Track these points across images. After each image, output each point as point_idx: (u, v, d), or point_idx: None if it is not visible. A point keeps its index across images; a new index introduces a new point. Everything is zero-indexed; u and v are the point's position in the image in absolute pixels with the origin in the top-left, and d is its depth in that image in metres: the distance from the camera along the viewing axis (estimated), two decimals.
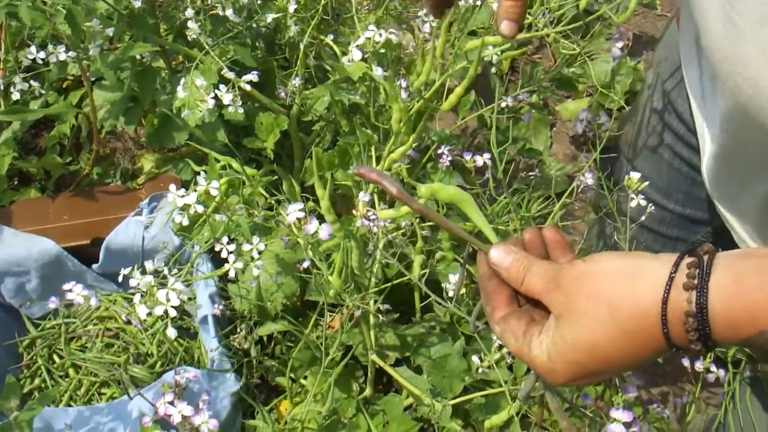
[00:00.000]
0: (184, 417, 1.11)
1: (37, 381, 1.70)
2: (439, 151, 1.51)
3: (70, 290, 1.21)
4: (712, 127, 1.12)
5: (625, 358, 0.71)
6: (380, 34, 1.14)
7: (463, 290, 1.39)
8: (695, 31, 1.00)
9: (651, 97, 1.42)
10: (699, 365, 1.37)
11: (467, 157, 1.38)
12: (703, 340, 0.66)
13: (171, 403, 1.12)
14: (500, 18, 1.01)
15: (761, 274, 0.64)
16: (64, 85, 2.15)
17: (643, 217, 1.34)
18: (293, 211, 1.07)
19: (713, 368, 1.36)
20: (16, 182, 2.10)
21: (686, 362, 1.39)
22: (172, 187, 1.22)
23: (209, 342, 1.57)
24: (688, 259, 0.68)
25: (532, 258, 0.78)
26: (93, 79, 1.80)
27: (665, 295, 0.67)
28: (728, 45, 0.88)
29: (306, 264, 1.15)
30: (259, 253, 1.18)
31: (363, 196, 1.25)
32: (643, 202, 1.30)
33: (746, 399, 1.45)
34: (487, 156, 1.38)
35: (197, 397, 1.47)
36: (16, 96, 1.74)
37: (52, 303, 1.28)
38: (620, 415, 0.93)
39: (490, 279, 0.80)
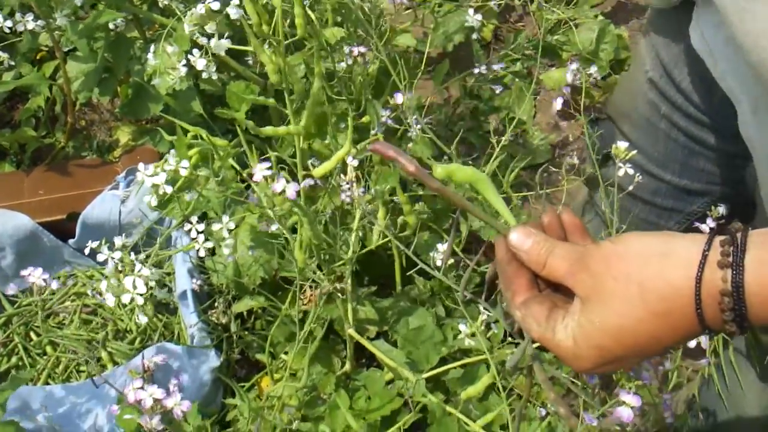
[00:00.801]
0: (155, 400, 1.07)
1: (14, 359, 1.67)
2: (408, 120, 1.48)
3: (29, 275, 1.16)
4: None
5: (655, 342, 0.69)
6: None
7: (451, 260, 1.36)
8: None
9: (645, 66, 1.39)
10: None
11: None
12: (739, 321, 0.65)
13: (141, 388, 1.09)
14: None
15: None
16: (38, 57, 2.11)
17: (630, 187, 1.31)
18: (260, 170, 1.03)
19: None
20: None
21: None
22: (141, 166, 1.18)
23: (188, 317, 1.54)
24: (720, 237, 0.66)
25: (553, 240, 0.75)
26: (66, 50, 1.76)
27: (699, 273, 0.65)
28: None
29: (274, 227, 1.11)
30: (230, 231, 1.15)
31: (351, 160, 1.21)
32: (631, 171, 1.27)
33: (729, 354, 1.43)
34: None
35: (175, 374, 1.45)
36: None
37: (11, 290, 1.24)
38: (630, 399, 0.90)
39: (509, 263, 0.77)
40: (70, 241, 1.75)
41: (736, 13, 0.89)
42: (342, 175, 1.23)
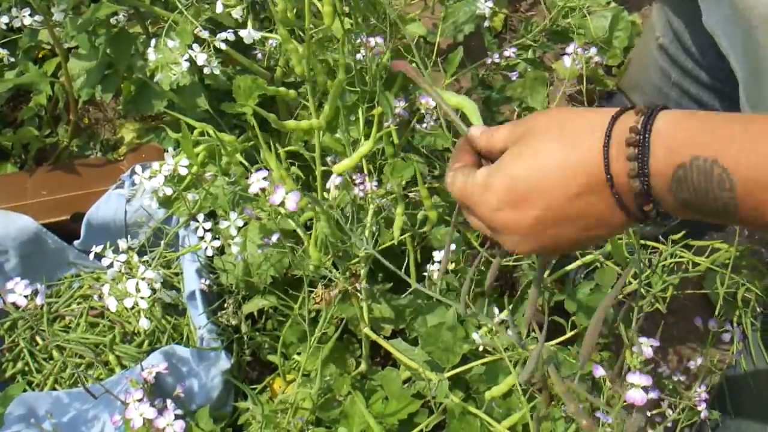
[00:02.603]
0: (146, 420, 1.02)
1: (19, 364, 1.63)
2: (422, 111, 1.43)
3: (12, 290, 1.09)
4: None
5: (561, 178, 0.70)
6: None
7: (452, 265, 1.32)
8: None
9: (656, 33, 1.36)
10: (712, 323, 1.32)
11: (423, 100, 1.31)
12: (641, 166, 0.66)
13: (141, 400, 1.04)
14: None
15: (706, 114, 0.66)
16: (40, 55, 2.06)
17: None
18: (256, 181, 0.97)
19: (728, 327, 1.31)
20: None
21: (698, 321, 1.33)
22: (138, 168, 1.14)
23: (197, 319, 1.50)
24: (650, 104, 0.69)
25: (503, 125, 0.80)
26: (68, 47, 1.72)
27: (616, 115, 0.69)
28: None
29: (275, 237, 1.07)
30: (238, 229, 1.10)
31: (335, 179, 1.16)
32: None
33: (757, 339, 1.40)
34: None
35: (185, 377, 1.41)
36: None
37: None
38: (638, 379, 0.85)
39: (463, 146, 0.84)
40: (75, 242, 1.71)
41: None
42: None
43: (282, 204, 0.93)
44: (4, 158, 2.00)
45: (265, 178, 0.95)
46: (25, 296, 1.06)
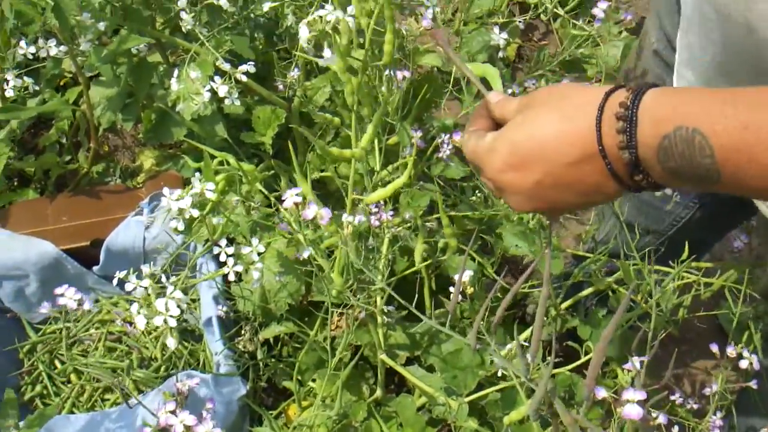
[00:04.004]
0: (186, 427, 1.05)
1: (38, 388, 1.66)
2: (440, 141, 1.45)
3: (62, 294, 1.15)
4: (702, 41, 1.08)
5: (558, 147, 0.76)
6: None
7: (471, 290, 1.34)
8: None
9: (651, 38, 1.39)
10: (730, 350, 1.32)
11: (456, 137, 1.33)
12: (629, 138, 0.71)
13: (173, 412, 1.06)
14: None
15: (690, 89, 0.72)
16: (61, 83, 2.10)
17: None
18: (290, 196, 1.02)
19: (745, 353, 1.31)
20: (14, 183, 2.05)
21: (714, 348, 1.34)
22: (166, 190, 1.17)
23: (214, 345, 1.52)
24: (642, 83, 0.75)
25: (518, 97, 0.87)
26: (89, 75, 1.75)
27: (610, 90, 0.74)
28: None
29: (306, 254, 1.09)
30: (259, 254, 1.13)
31: (347, 217, 1.19)
32: None
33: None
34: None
35: (202, 403, 1.42)
36: (9, 93, 1.69)
37: (44, 308, 1.22)
38: (632, 394, 0.87)
39: (480, 110, 0.90)
40: (94, 268, 1.74)
41: None
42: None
43: (314, 219, 0.97)
44: (26, 184, 2.03)
45: (298, 194, 0.99)
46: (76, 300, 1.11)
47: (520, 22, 1.87)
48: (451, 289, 1.29)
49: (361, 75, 1.06)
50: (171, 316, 1.09)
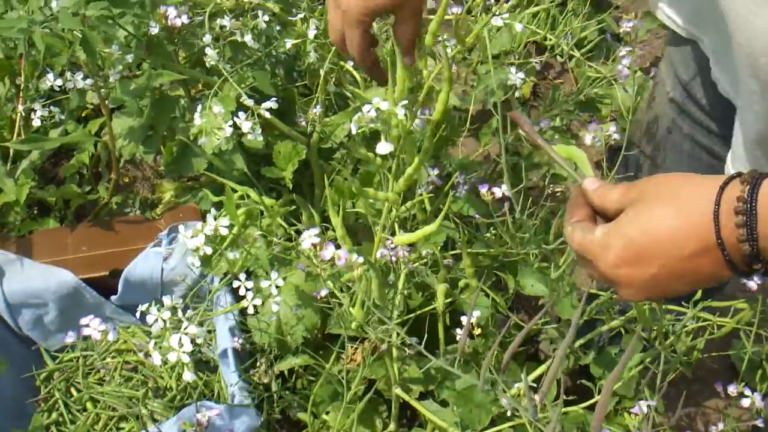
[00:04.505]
0: None
1: (54, 415, 1.67)
2: (457, 180, 1.48)
3: (87, 325, 1.18)
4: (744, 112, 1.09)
5: (674, 241, 0.77)
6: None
7: (478, 330, 1.36)
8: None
9: (666, 87, 1.40)
10: (732, 389, 1.33)
11: (483, 189, 1.35)
12: (749, 232, 0.72)
13: None
14: (400, 54, 1.12)
15: None
16: (83, 114, 2.14)
17: None
18: (308, 237, 1.03)
19: (747, 392, 1.31)
20: (35, 212, 2.08)
21: (719, 387, 1.34)
22: (182, 228, 1.19)
23: (229, 376, 1.54)
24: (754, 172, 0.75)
25: (617, 185, 0.88)
26: (112, 107, 1.78)
27: (724, 183, 0.75)
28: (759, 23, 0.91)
29: (324, 292, 1.11)
30: (278, 288, 1.15)
31: (358, 259, 1.22)
32: None
33: None
34: (504, 188, 1.35)
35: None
36: (36, 123, 1.73)
37: (70, 338, 1.25)
38: None
39: (577, 198, 0.90)
40: (112, 297, 1.76)
41: (745, 20, 0.93)
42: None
43: (332, 260, 0.99)
44: (46, 213, 2.06)
45: (317, 235, 1.01)
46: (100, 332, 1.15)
47: (536, 62, 1.89)
48: (463, 320, 1.30)
49: (409, 124, 1.08)
50: (185, 352, 1.11)
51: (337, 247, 1.06)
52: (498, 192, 1.35)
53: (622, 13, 2.97)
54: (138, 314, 1.23)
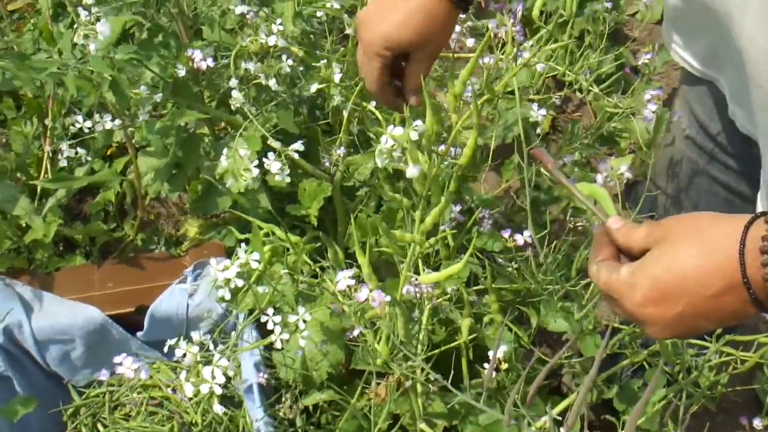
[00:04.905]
0: None
1: None
2: (480, 215, 1.49)
3: (120, 363, 1.20)
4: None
5: (700, 280, 0.78)
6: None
7: (505, 365, 1.37)
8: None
9: (682, 125, 1.41)
10: (757, 422, 1.33)
11: (506, 234, 1.37)
12: None
13: None
14: (408, 93, 1.14)
15: None
16: (108, 153, 2.18)
17: None
18: (343, 279, 1.06)
19: None
20: (61, 248, 2.11)
21: (743, 420, 1.35)
22: (213, 261, 1.21)
23: (254, 411, 1.55)
24: None
25: (641, 224, 0.88)
26: (138, 146, 1.81)
27: (748, 224, 0.76)
28: None
29: (356, 332, 1.14)
30: (305, 322, 1.17)
31: (380, 296, 1.24)
32: None
33: None
34: (527, 234, 1.37)
35: None
36: (63, 163, 1.76)
37: (103, 375, 1.27)
38: None
39: (601, 237, 0.91)
40: (139, 333, 1.78)
41: (765, 61, 0.95)
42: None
43: (366, 301, 1.01)
44: (71, 249, 2.09)
45: (351, 277, 1.04)
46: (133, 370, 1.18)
47: (556, 98, 1.92)
48: (489, 354, 1.32)
49: (436, 167, 1.10)
50: (217, 384, 1.13)
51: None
52: (520, 239, 1.37)
53: (639, 45, 2.99)
54: (166, 349, 1.25)
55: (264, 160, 1.32)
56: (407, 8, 1.08)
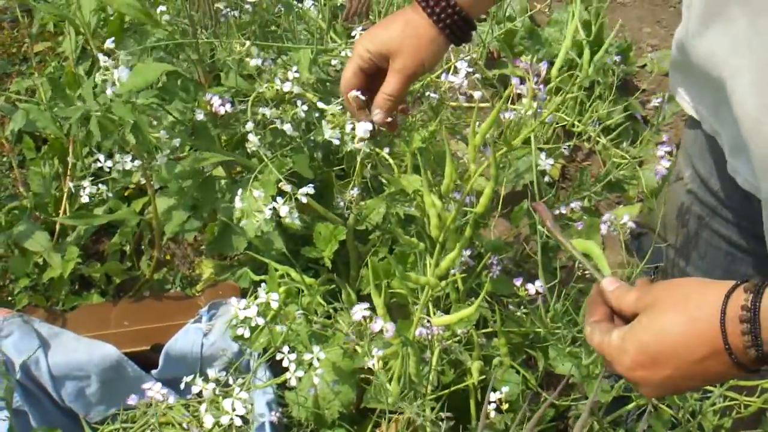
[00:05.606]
0: None
1: None
2: (490, 261, 1.53)
3: (150, 388, 1.23)
4: None
5: (685, 346, 0.83)
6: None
7: (505, 405, 1.40)
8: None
9: (684, 180, 1.44)
10: None
11: (517, 283, 1.41)
12: (754, 339, 0.78)
13: None
14: (374, 106, 1.21)
15: None
16: (126, 194, 2.23)
17: None
18: (359, 310, 1.11)
19: None
20: (77, 286, 2.15)
21: None
22: (233, 300, 1.25)
23: None
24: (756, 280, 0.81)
25: (633, 288, 0.94)
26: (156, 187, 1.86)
27: (729, 292, 0.81)
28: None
29: (371, 363, 1.18)
30: (319, 361, 1.20)
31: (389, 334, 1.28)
32: None
33: None
34: (538, 284, 1.41)
35: None
36: (85, 199, 1.80)
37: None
38: None
39: (596, 297, 0.97)
40: (153, 371, 1.81)
41: (754, 127, 0.99)
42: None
43: (381, 332, 1.05)
44: (87, 287, 2.13)
45: (366, 309, 1.08)
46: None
47: (565, 148, 1.96)
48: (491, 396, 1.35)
49: (455, 214, 1.15)
50: (237, 415, 1.16)
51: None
52: (532, 289, 1.42)
53: (649, 95, 3.04)
54: (182, 386, 1.28)
55: (275, 203, 1.37)
56: (402, 20, 1.17)
